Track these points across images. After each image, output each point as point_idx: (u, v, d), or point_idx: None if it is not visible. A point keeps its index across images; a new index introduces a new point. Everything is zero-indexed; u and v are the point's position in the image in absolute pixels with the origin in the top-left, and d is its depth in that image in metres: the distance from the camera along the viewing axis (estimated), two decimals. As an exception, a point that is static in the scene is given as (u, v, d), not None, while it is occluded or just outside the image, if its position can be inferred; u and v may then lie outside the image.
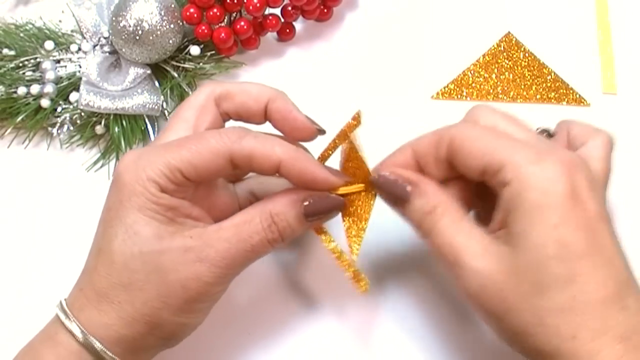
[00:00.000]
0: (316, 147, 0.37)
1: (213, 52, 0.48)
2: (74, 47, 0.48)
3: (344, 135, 0.35)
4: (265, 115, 0.35)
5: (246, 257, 0.33)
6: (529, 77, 0.49)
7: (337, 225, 0.36)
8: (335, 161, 0.37)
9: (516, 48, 0.50)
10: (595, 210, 0.30)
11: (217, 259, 0.32)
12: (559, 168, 0.30)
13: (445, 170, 0.34)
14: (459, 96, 0.49)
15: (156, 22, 0.45)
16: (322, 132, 0.36)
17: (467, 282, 0.31)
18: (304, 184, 0.34)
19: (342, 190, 0.35)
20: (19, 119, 0.46)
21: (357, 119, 0.35)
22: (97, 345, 0.31)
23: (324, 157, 0.37)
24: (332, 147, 0.36)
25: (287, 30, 0.50)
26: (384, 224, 0.41)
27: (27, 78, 0.46)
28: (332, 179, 0.34)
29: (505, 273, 0.30)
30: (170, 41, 0.46)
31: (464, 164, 0.32)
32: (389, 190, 0.34)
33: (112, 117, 0.46)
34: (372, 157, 0.36)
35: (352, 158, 0.35)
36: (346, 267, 0.35)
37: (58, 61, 0.47)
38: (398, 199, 0.34)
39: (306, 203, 0.34)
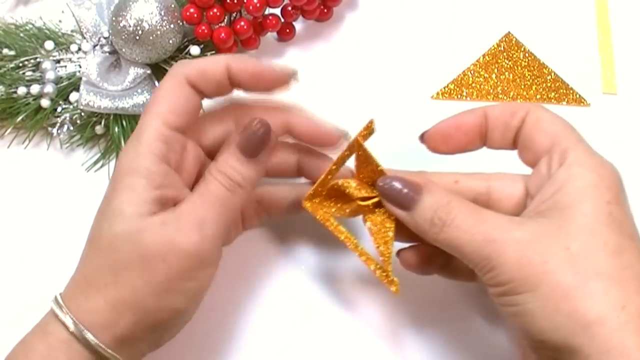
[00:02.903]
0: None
1: (213, 52, 0.48)
2: (74, 47, 0.48)
3: (357, 144, 0.35)
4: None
5: (218, 213, 0.34)
6: (529, 77, 0.49)
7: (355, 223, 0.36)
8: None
9: (516, 48, 0.50)
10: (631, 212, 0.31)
11: (190, 224, 0.33)
12: (612, 166, 0.32)
13: (507, 142, 0.35)
14: (459, 96, 0.49)
15: (156, 22, 0.45)
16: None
17: (503, 255, 0.30)
18: (253, 78, 0.35)
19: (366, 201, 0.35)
20: (19, 119, 0.46)
21: (369, 128, 0.35)
22: (86, 333, 0.31)
23: (338, 164, 0.36)
24: (345, 156, 0.36)
25: (287, 30, 0.50)
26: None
27: (27, 78, 0.46)
28: (275, 69, 0.36)
29: (548, 237, 0.30)
30: (170, 41, 0.46)
31: (531, 137, 0.33)
32: (395, 195, 0.34)
33: (112, 117, 0.46)
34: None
35: (367, 164, 0.35)
36: (374, 269, 0.35)
37: (58, 61, 0.47)
38: (406, 201, 0.33)
39: (239, 143, 0.35)
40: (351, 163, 0.36)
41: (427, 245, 0.35)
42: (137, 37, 0.45)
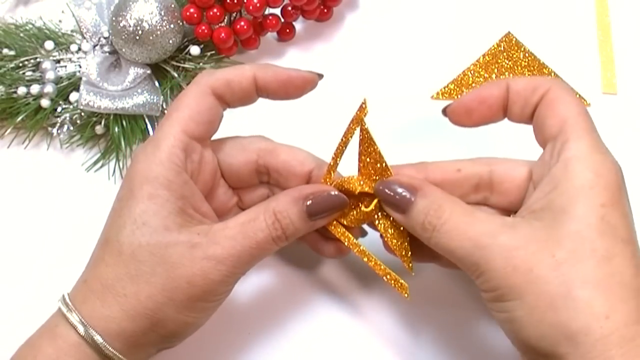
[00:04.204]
0: (325, 149, 0.37)
1: (213, 52, 0.48)
2: (74, 47, 0.48)
3: (353, 128, 0.35)
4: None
5: (252, 254, 0.33)
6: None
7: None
8: (348, 164, 0.36)
9: (516, 48, 0.50)
10: (630, 212, 0.31)
11: (223, 256, 0.32)
12: (613, 164, 0.31)
13: (526, 117, 0.34)
14: (459, 96, 0.48)
15: (156, 22, 0.45)
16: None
17: (491, 261, 0.30)
18: (282, 85, 0.36)
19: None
20: (19, 119, 0.46)
21: (363, 109, 0.35)
22: (98, 338, 0.31)
23: (337, 154, 0.36)
24: (343, 144, 0.36)
25: (287, 30, 0.50)
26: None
27: (27, 78, 0.46)
28: (304, 73, 0.36)
29: (536, 243, 0.29)
30: (170, 41, 0.46)
31: (543, 118, 0.33)
32: (391, 197, 0.34)
33: (112, 117, 0.46)
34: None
35: (369, 152, 0.35)
36: (382, 274, 0.35)
37: (58, 61, 0.47)
38: (402, 204, 0.33)
39: (308, 202, 0.34)
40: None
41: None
42: (137, 37, 0.45)
